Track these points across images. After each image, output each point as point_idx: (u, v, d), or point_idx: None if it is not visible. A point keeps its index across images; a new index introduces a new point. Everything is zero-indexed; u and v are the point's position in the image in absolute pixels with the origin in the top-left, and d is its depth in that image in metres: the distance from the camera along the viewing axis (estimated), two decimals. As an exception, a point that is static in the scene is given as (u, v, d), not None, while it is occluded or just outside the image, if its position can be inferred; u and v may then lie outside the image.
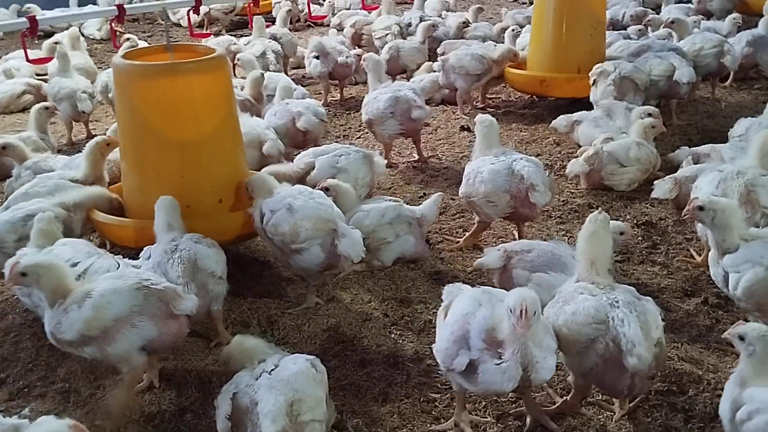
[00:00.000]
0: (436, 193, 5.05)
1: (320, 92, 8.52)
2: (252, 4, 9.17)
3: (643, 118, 5.97)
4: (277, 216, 4.22)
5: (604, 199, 5.67)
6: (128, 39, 8.98)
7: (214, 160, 4.59)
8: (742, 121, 5.93)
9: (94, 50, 11.26)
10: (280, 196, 4.32)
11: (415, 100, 6.25)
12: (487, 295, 3.22)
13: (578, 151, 6.07)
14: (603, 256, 3.41)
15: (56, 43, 9.16)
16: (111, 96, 7.57)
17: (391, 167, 6.41)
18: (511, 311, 2.88)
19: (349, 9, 12.92)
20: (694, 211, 3.75)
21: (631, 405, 3.45)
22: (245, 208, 4.49)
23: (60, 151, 6.75)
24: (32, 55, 8.66)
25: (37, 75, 9.27)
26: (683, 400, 3.48)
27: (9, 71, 9.22)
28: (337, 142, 6.99)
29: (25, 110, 8.18)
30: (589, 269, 3.38)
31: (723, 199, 3.96)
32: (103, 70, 8.57)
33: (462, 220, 5.44)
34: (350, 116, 8.02)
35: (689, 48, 7.66)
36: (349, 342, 4.04)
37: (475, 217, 5.07)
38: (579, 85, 7.17)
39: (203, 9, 11.57)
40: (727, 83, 8.47)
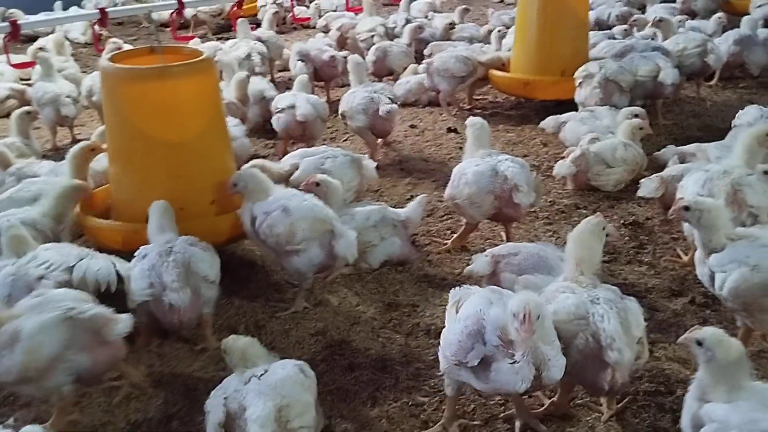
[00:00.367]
0: (421, 194, 5.04)
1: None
2: (236, 7, 9.11)
3: (630, 118, 6.00)
4: (272, 217, 4.20)
5: (591, 200, 5.69)
6: (112, 42, 8.91)
7: (204, 162, 4.59)
8: (750, 109, 5.96)
9: (79, 54, 11.18)
10: (273, 198, 4.30)
11: (386, 101, 6.42)
12: (497, 295, 3.21)
13: (565, 152, 6.08)
14: (589, 259, 3.43)
15: (40, 49, 9.09)
16: (95, 100, 7.52)
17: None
18: (514, 316, 2.85)
19: (336, 11, 12.90)
20: (680, 212, 3.76)
21: (620, 406, 3.45)
22: (233, 209, 4.47)
23: (45, 157, 6.68)
24: (18, 59, 8.58)
25: (22, 80, 9.20)
26: (671, 400, 3.49)
27: (-7, 76, 9.14)
28: (324, 144, 7.00)
29: (9, 115, 8.09)
30: (575, 269, 3.40)
31: (709, 199, 3.98)
32: (88, 74, 8.51)
33: (449, 222, 5.44)
34: (337, 119, 7.95)
35: (673, 48, 7.69)
36: (337, 346, 4.02)
37: (463, 219, 5.07)
38: (563, 88, 7.19)
39: (190, 12, 11.54)
40: (713, 82, 8.52)
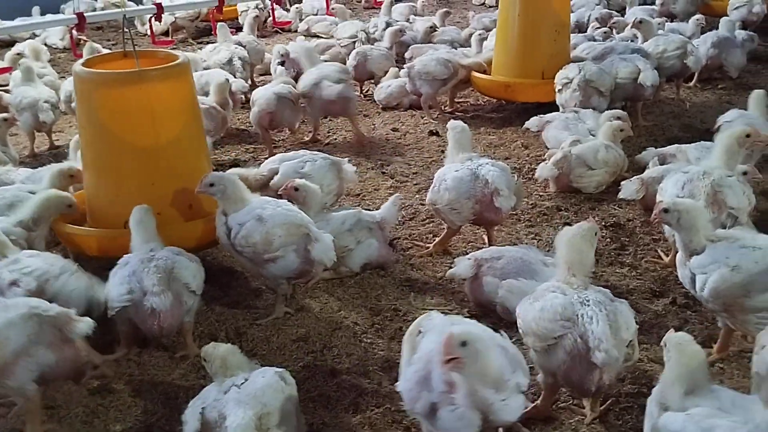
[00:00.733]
0: (395, 194, 5.02)
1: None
2: (216, 11, 9.06)
3: (611, 120, 6.01)
4: (246, 227, 4.15)
5: (573, 201, 5.70)
6: (87, 44, 8.78)
7: (181, 167, 4.55)
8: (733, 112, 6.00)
9: (57, 59, 11.07)
10: (247, 209, 4.24)
11: (335, 77, 7.00)
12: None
13: (546, 154, 6.09)
14: (580, 262, 3.41)
15: (18, 54, 8.99)
16: (74, 106, 7.42)
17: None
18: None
19: (317, 14, 12.88)
20: (660, 214, 3.77)
21: (602, 408, 3.45)
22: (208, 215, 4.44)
23: (22, 163, 6.61)
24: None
25: (0, 86, 9.09)
26: (653, 402, 3.48)
27: (-31, 82, 9.03)
28: (305, 148, 6.96)
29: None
30: (566, 272, 3.40)
31: (687, 200, 4.00)
32: (66, 80, 8.41)
33: (432, 226, 5.42)
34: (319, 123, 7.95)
35: (653, 50, 7.74)
36: (319, 352, 3.99)
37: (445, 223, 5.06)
38: (543, 90, 7.20)
39: (169, 18, 11.47)
40: (692, 84, 8.57)
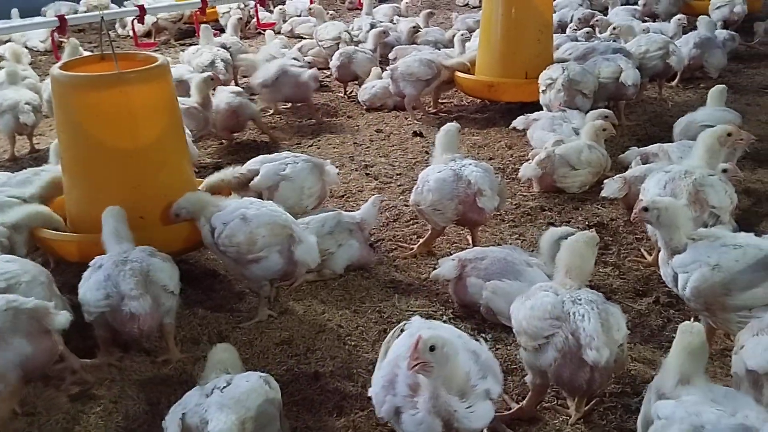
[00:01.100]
0: (374, 196, 5.01)
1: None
2: (199, 13, 9.01)
3: (597, 120, 6.03)
4: (230, 227, 4.13)
5: (556, 201, 5.71)
6: (69, 41, 8.67)
7: (163, 169, 4.52)
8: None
9: (38, 62, 10.99)
10: (231, 207, 4.23)
11: (298, 67, 7.71)
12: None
13: (530, 154, 6.10)
14: (579, 267, 3.41)
15: (-2, 58, 8.91)
16: (55, 109, 7.35)
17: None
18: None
19: (300, 16, 12.85)
20: (641, 213, 3.79)
21: (587, 408, 3.45)
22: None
23: (2, 168, 6.54)
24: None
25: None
26: (637, 401, 3.47)
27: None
28: (288, 151, 6.93)
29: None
30: (564, 275, 3.39)
31: (666, 198, 4.02)
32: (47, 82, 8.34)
33: (416, 227, 5.41)
34: (302, 123, 7.95)
35: (635, 50, 7.78)
36: (303, 355, 3.97)
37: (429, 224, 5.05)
38: (527, 90, 7.21)
39: (150, 19, 11.39)
40: (674, 83, 8.63)
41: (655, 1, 11.21)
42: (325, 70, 9.54)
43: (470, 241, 5.00)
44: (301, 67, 7.93)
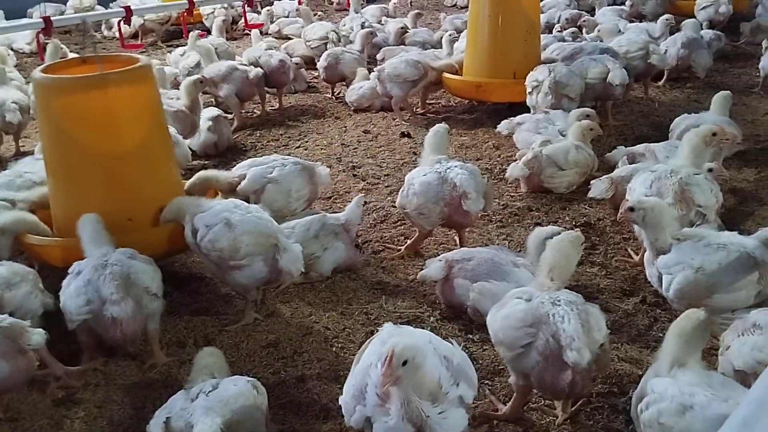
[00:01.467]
0: (358, 196, 5.00)
1: (258, 102, 8.39)
2: (186, 14, 8.98)
3: (580, 119, 6.04)
4: (214, 231, 4.08)
5: (544, 202, 5.71)
6: (51, 43, 8.62)
7: (147, 172, 4.48)
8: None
9: (24, 64, 10.91)
10: (215, 210, 4.19)
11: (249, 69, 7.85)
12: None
13: (517, 154, 6.10)
14: (563, 266, 3.40)
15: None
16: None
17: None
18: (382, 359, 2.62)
19: (288, 17, 12.83)
20: (627, 213, 3.80)
21: (573, 409, 3.45)
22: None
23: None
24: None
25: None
26: (624, 401, 3.48)
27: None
28: (276, 152, 6.92)
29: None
30: (546, 274, 3.38)
31: (652, 198, 4.02)
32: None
33: (403, 228, 5.40)
34: (289, 125, 7.93)
35: (617, 50, 7.83)
36: (289, 358, 3.95)
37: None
38: (515, 90, 7.22)
39: (137, 21, 11.34)
40: (661, 83, 8.66)
41: (642, 1, 11.26)
42: (312, 71, 9.53)
43: (458, 242, 4.99)
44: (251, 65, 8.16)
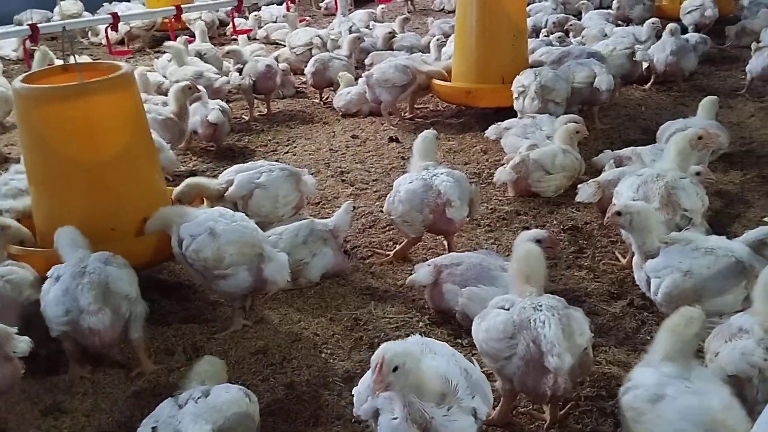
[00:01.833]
0: (347, 202, 4.97)
1: (247, 108, 8.39)
2: (174, 20, 8.95)
3: (566, 123, 6.07)
4: (198, 241, 4.08)
5: (531, 206, 5.73)
6: (39, 49, 8.58)
7: (130, 180, 4.47)
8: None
9: (11, 71, 10.85)
10: (200, 219, 4.18)
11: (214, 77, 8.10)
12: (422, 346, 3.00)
13: (505, 158, 6.12)
14: (537, 274, 3.43)
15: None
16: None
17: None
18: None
19: (276, 22, 12.83)
20: (614, 217, 3.82)
21: (562, 412, 3.46)
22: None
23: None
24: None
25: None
26: (612, 404, 3.49)
27: None
28: (264, 157, 6.92)
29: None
30: (522, 282, 3.40)
31: (638, 202, 4.05)
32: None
33: (392, 233, 5.40)
34: (278, 131, 7.92)
35: (603, 50, 7.95)
36: (278, 364, 3.94)
37: (405, 230, 5.05)
38: (504, 95, 7.24)
39: (123, 27, 11.30)
40: (647, 87, 8.71)
41: (629, 5, 11.32)
42: (300, 76, 9.53)
43: (446, 247, 5.00)
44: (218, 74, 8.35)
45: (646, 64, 8.53)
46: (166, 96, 7.28)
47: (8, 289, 3.81)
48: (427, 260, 4.48)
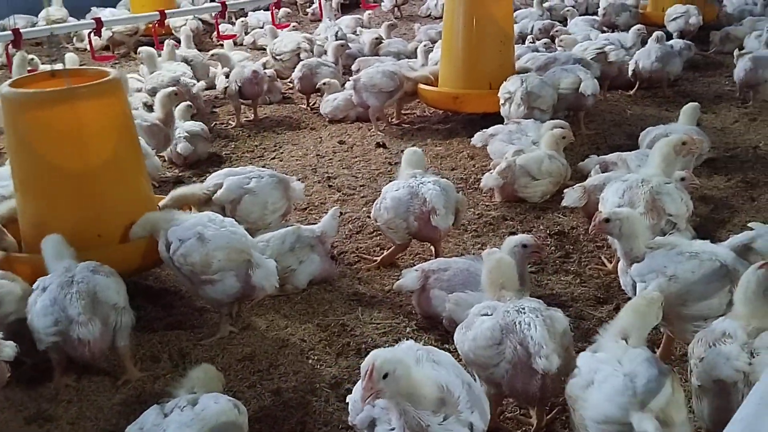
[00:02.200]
0: (334, 208, 4.99)
1: (233, 113, 8.37)
2: (157, 25, 8.93)
3: (552, 129, 6.09)
4: (186, 245, 4.06)
5: (518, 211, 5.75)
6: (17, 54, 8.51)
7: (117, 187, 4.45)
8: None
9: (-5, 76, 10.80)
10: (189, 223, 4.16)
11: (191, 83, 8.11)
12: (424, 352, 2.95)
13: (491, 164, 6.14)
14: (509, 279, 3.47)
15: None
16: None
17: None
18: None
19: (263, 28, 12.81)
20: (602, 224, 3.82)
21: (549, 417, 3.46)
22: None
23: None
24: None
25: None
26: (599, 409, 3.51)
27: None
28: (251, 163, 6.90)
29: None
30: (497, 288, 3.44)
31: (625, 209, 4.07)
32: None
33: (379, 239, 5.40)
34: (264, 136, 7.91)
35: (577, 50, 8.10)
36: (265, 371, 3.92)
37: (393, 236, 5.05)
38: (491, 100, 7.26)
39: (106, 32, 11.25)
40: (632, 92, 8.77)
41: (615, 12, 11.39)
42: (287, 81, 9.52)
43: (433, 253, 5.00)
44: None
45: (631, 68, 8.59)
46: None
47: None
48: (415, 266, 4.49)
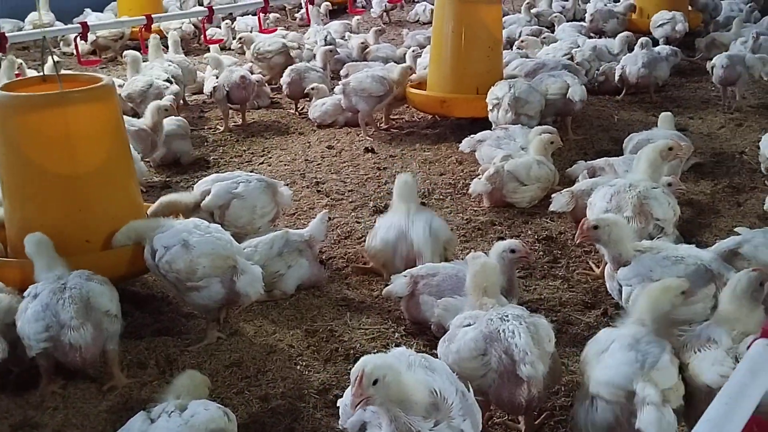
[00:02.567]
0: (322, 212, 4.97)
1: (221, 118, 8.35)
2: (144, 29, 8.91)
3: (540, 134, 6.11)
4: (171, 252, 4.03)
5: (506, 216, 5.76)
6: (6, 59, 8.46)
7: (108, 191, 4.42)
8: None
9: (-19, 80, 10.73)
10: (174, 230, 4.14)
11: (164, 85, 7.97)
12: (418, 358, 2.94)
13: (479, 169, 6.15)
14: (492, 285, 3.47)
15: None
16: None
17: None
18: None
19: (251, 32, 12.78)
20: (589, 231, 3.84)
21: (537, 422, 3.47)
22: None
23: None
24: None
25: None
26: (587, 414, 3.51)
27: None
28: (239, 168, 6.88)
29: None
30: (479, 294, 3.43)
31: (611, 215, 4.10)
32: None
33: (367, 244, 5.39)
34: (253, 141, 7.89)
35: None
36: (253, 377, 3.90)
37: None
38: (479, 105, 7.28)
39: (90, 37, 11.20)
40: (619, 98, 8.82)
41: (603, 18, 11.45)
42: (269, 81, 9.51)
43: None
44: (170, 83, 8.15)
45: (618, 74, 8.67)
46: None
47: None
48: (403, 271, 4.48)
